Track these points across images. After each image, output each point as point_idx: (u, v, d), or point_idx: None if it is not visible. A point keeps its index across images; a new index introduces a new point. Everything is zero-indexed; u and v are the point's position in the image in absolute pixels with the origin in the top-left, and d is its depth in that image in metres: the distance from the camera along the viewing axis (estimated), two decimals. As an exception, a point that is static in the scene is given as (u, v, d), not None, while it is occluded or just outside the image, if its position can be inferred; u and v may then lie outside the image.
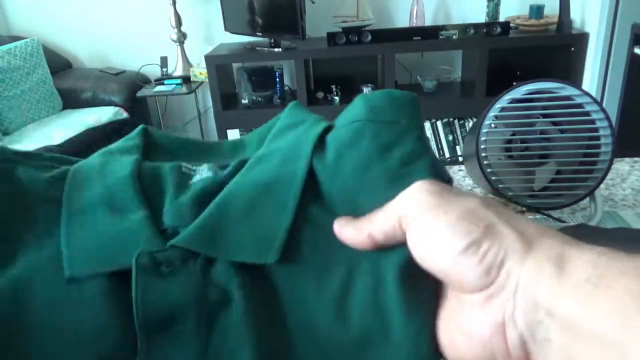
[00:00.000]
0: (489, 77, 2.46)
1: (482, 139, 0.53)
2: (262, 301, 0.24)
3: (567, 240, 0.20)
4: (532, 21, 2.50)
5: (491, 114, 0.52)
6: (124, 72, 2.82)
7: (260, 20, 2.56)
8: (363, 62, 2.68)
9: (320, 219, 0.26)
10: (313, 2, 2.62)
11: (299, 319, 0.24)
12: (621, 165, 0.69)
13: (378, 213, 0.25)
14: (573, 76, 2.46)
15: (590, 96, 0.50)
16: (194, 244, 0.25)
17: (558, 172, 0.53)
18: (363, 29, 2.49)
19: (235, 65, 2.75)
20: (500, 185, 0.53)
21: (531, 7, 2.52)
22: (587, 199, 0.54)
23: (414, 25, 2.63)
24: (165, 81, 2.71)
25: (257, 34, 2.59)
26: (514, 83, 0.52)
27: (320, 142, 0.29)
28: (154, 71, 2.86)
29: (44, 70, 2.57)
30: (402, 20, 2.76)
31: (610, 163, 0.51)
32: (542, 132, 0.52)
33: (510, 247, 0.20)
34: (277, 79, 2.64)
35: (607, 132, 0.50)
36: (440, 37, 2.45)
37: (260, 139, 0.34)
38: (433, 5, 2.73)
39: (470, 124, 2.60)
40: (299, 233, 0.26)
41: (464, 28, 2.46)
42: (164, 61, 2.80)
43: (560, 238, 0.21)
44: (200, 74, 2.69)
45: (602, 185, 0.57)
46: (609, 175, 0.64)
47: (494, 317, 0.20)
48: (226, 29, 2.70)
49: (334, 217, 0.26)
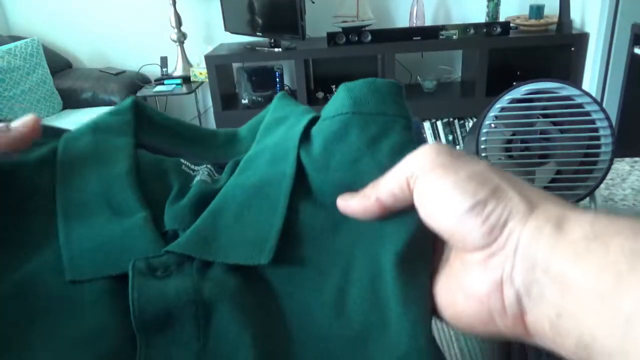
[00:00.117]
0: (489, 77, 2.46)
1: (482, 139, 0.53)
2: (259, 301, 0.24)
3: (569, 206, 0.21)
4: (532, 21, 2.50)
5: (491, 114, 0.52)
6: (124, 72, 2.82)
7: (260, 20, 2.56)
8: (363, 62, 2.68)
9: (312, 216, 0.26)
10: (313, 2, 2.62)
11: (298, 317, 0.24)
12: (621, 165, 0.69)
13: (385, 176, 0.25)
14: (573, 76, 2.46)
15: (590, 96, 0.50)
16: (189, 249, 0.25)
17: (558, 172, 0.53)
18: (363, 29, 2.49)
19: (235, 65, 2.75)
20: (500, 185, 0.53)
21: (531, 7, 2.52)
22: (587, 198, 0.54)
23: (414, 25, 2.63)
24: (165, 81, 2.71)
25: (257, 34, 2.58)
26: (514, 83, 0.51)
27: (307, 135, 0.29)
28: (154, 71, 2.86)
29: (44, 70, 2.57)
30: (402, 20, 2.76)
31: (610, 163, 0.51)
32: (542, 132, 0.52)
33: (514, 209, 0.21)
34: (277, 79, 2.64)
35: (607, 132, 0.50)
36: (440, 37, 2.45)
37: (252, 132, 0.35)
38: (433, 5, 2.73)
39: (470, 124, 2.60)
40: (292, 232, 0.26)
41: (464, 28, 2.46)
42: (164, 61, 2.80)
43: (563, 203, 0.21)
44: (200, 74, 2.69)
45: (602, 185, 0.57)
46: (609, 175, 0.63)
47: (493, 276, 0.21)
48: (226, 29, 2.70)
49: (326, 212, 0.26)
